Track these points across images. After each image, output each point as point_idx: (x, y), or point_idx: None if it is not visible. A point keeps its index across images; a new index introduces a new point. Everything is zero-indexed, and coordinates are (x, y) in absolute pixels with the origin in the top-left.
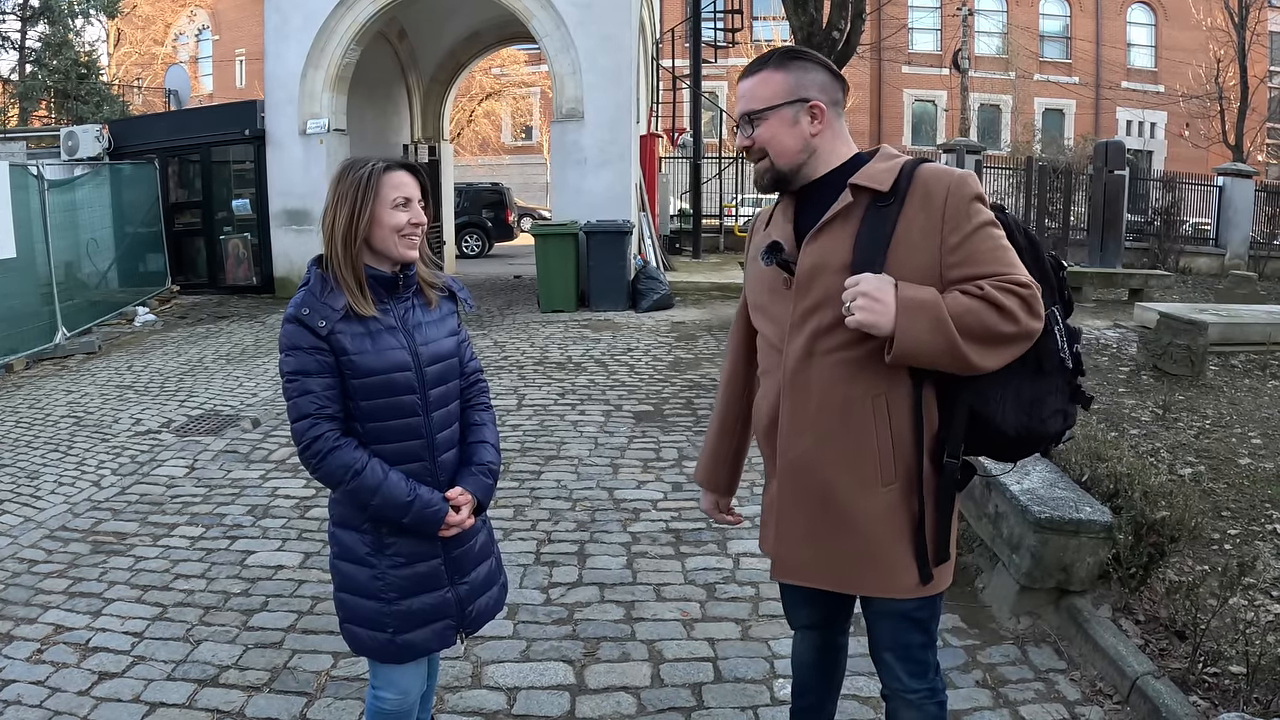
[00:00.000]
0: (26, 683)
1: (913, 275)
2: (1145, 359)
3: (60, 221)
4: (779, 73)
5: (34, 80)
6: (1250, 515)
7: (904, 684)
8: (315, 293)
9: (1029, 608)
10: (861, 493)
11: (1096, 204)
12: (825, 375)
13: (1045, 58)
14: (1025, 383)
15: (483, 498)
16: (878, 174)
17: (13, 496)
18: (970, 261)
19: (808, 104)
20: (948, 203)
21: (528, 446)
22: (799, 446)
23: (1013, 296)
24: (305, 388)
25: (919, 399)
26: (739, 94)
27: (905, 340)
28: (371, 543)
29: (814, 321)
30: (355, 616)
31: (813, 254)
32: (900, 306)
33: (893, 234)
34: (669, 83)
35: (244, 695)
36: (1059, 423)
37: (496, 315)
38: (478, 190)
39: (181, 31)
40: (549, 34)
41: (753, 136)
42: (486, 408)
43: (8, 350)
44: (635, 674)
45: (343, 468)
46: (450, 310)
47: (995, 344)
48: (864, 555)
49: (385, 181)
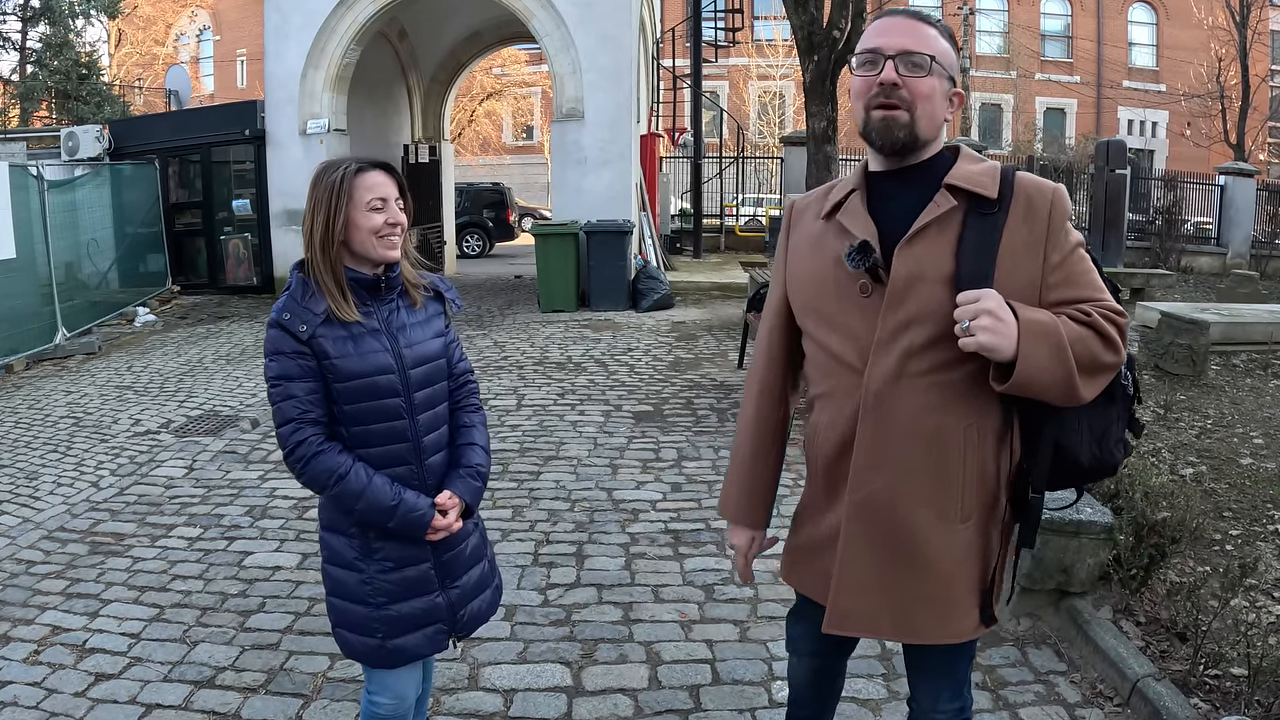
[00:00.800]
0: (23, 684)
1: (1015, 293)
2: (1147, 358)
3: (60, 222)
4: (946, 42)
5: (34, 81)
6: (1252, 516)
7: (939, 706)
8: (297, 297)
9: (1029, 609)
10: (939, 530)
11: (1098, 203)
12: (916, 401)
13: (1046, 57)
14: (1097, 413)
15: (471, 501)
16: (977, 177)
17: (11, 497)
18: (1070, 283)
19: (954, 87)
20: (1052, 216)
21: (527, 447)
22: (877, 481)
23: (1114, 326)
24: (288, 392)
25: (1008, 430)
26: (898, 29)
27: (1027, 366)
28: (359, 547)
29: (906, 339)
30: (346, 621)
31: (909, 261)
32: (1024, 330)
33: (999, 246)
34: (670, 82)
35: (240, 697)
36: (1121, 452)
37: (497, 315)
38: (478, 190)
39: (182, 32)
40: (549, 33)
41: (908, 81)
42: (476, 409)
43: (8, 351)
44: (633, 676)
45: (326, 472)
46: (437, 311)
47: (1098, 374)
48: (933, 598)
49: (359, 184)
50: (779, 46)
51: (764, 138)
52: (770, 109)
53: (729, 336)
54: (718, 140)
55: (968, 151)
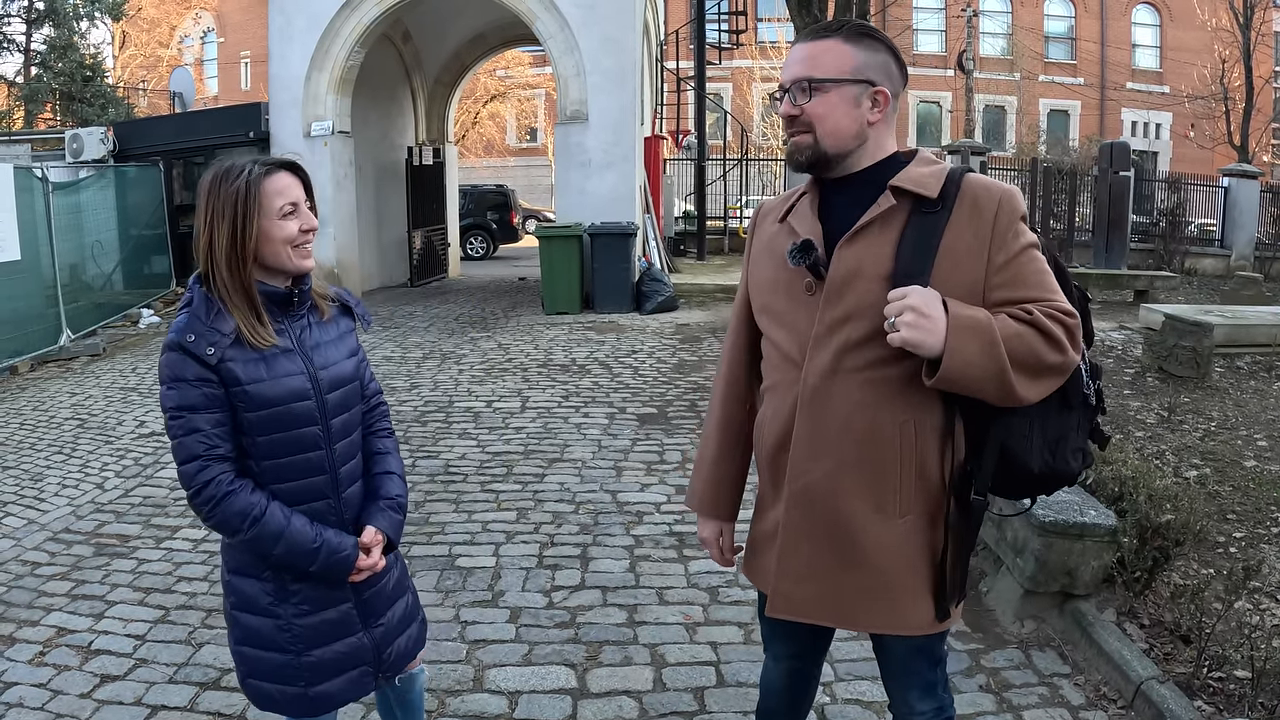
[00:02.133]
0: (29, 685)
1: (956, 292)
2: (1150, 361)
3: (65, 224)
4: (850, 46)
5: (39, 83)
6: (1256, 518)
7: (912, 707)
8: (200, 315)
9: (1033, 611)
10: (875, 523)
11: (1101, 205)
12: (851, 396)
13: (1050, 59)
14: (1051, 419)
15: (394, 535)
16: (923, 178)
17: (16, 498)
18: (1016, 284)
19: (873, 88)
20: (998, 218)
21: (531, 449)
22: (814, 472)
23: (1060, 325)
24: (192, 425)
25: (949, 429)
26: (794, 58)
27: (954, 362)
28: (274, 591)
29: (843, 335)
30: (260, 671)
31: (848, 259)
32: (952, 325)
33: (939, 245)
34: (673, 84)
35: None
36: (1078, 462)
37: (501, 317)
38: (482, 192)
39: (186, 34)
40: (553, 36)
41: (803, 107)
42: (389, 434)
43: (12, 352)
44: (637, 678)
45: (239, 515)
46: (349, 328)
47: (1040, 374)
48: (873, 590)
49: (266, 189)
50: (782, 48)
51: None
52: (774, 111)
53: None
54: (721, 142)
55: (923, 155)
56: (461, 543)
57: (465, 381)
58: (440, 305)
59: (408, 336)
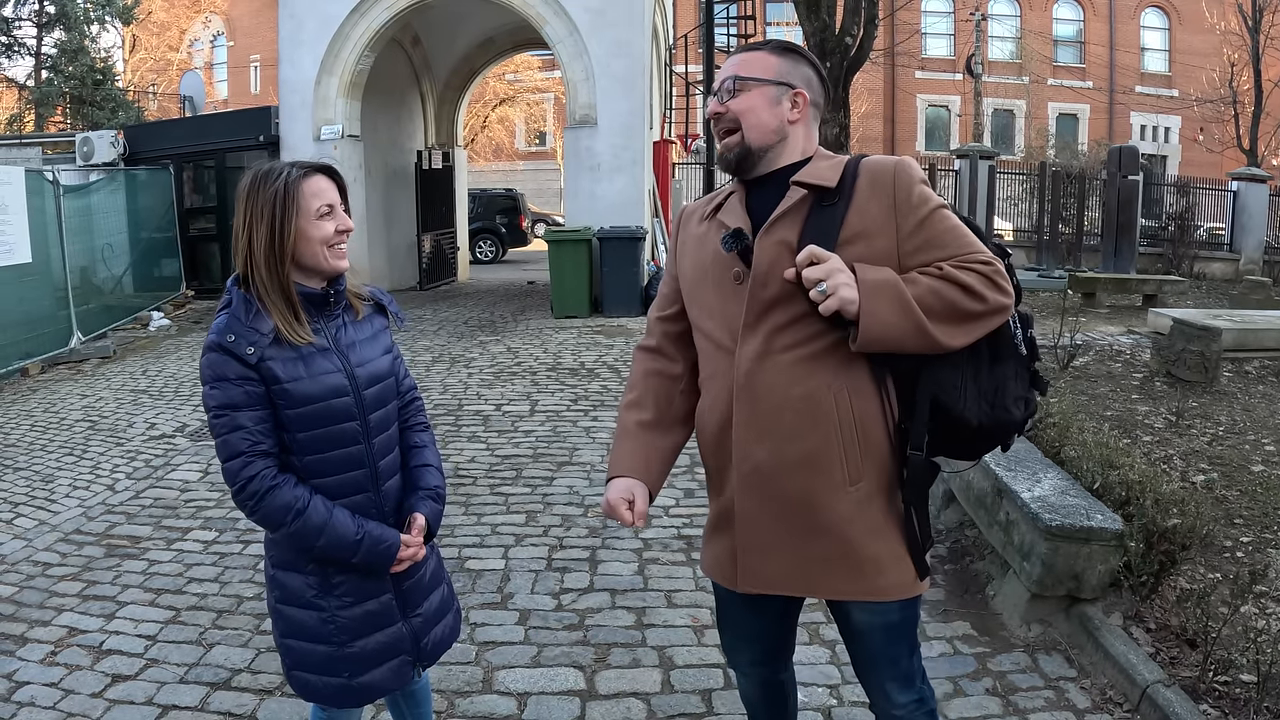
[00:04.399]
0: (40, 685)
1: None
2: (1158, 365)
3: (75, 226)
4: (773, 56)
5: (50, 86)
6: (1263, 523)
7: (892, 700)
8: (240, 316)
9: (1039, 615)
10: (829, 495)
11: (1110, 209)
12: (782, 376)
13: (1059, 62)
14: (983, 370)
15: (434, 523)
16: (821, 171)
17: (27, 500)
18: (930, 246)
19: (792, 89)
20: (896, 188)
21: (540, 452)
22: (758, 455)
23: (975, 274)
24: (235, 423)
25: (883, 392)
26: (725, 67)
27: (870, 322)
28: (318, 584)
29: (771, 320)
30: (306, 663)
31: (768, 249)
32: (862, 289)
33: (841, 228)
34: (682, 88)
35: (256, 699)
36: (1021, 410)
37: (510, 320)
38: (491, 196)
39: (196, 38)
40: (562, 40)
41: (728, 104)
42: (425, 428)
43: (23, 354)
44: (646, 680)
45: (283, 509)
46: (383, 326)
47: (963, 321)
48: (835, 558)
49: (304, 190)
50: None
51: None
52: None
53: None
54: None
55: (822, 153)
56: (471, 545)
57: (474, 385)
58: (449, 309)
59: (417, 340)
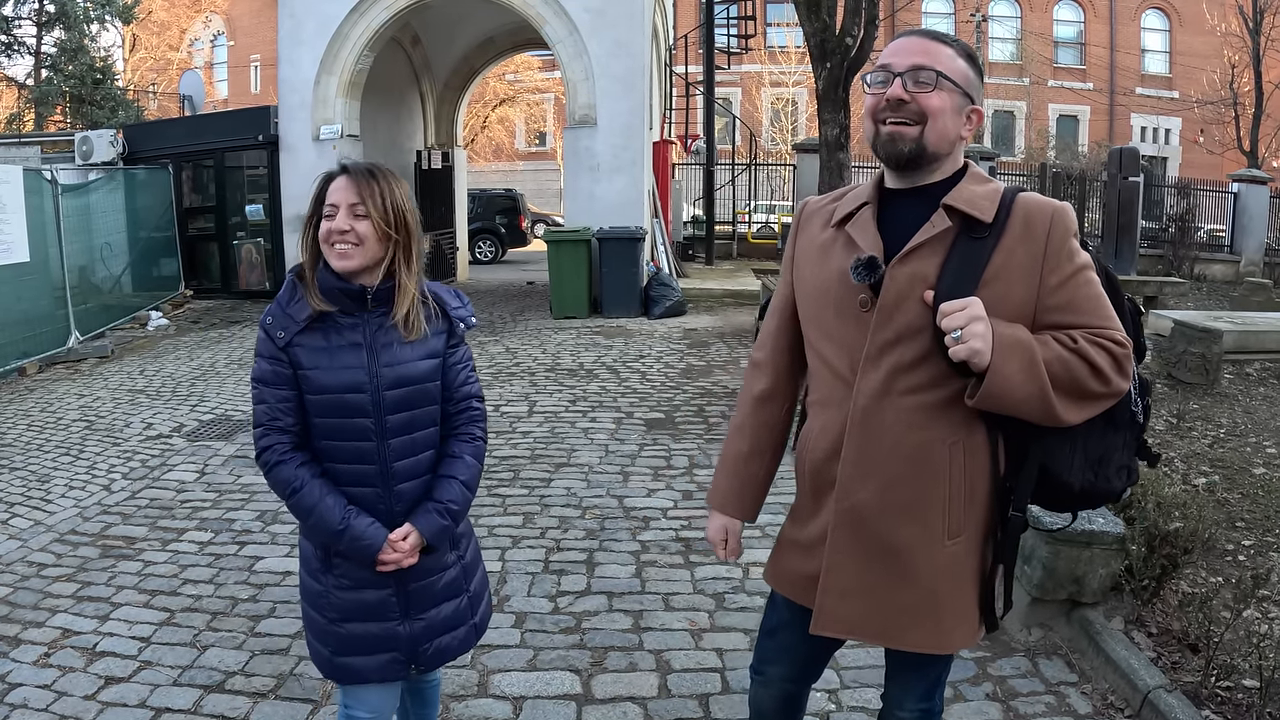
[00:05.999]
0: (33, 686)
1: (1007, 313)
2: (1159, 367)
3: (74, 225)
4: (962, 61)
5: (49, 85)
6: (1265, 526)
7: (905, 704)
8: (283, 301)
9: (1040, 619)
10: (927, 546)
11: (1111, 210)
12: (901, 419)
13: (1059, 64)
14: (1094, 438)
15: (432, 538)
16: (977, 199)
17: (23, 499)
18: (1069, 309)
19: (972, 105)
20: (1050, 237)
21: (538, 453)
22: (862, 492)
23: (1106, 354)
24: (261, 396)
25: (994, 449)
26: (908, 47)
27: (996, 380)
28: (320, 559)
29: (894, 356)
30: (308, 626)
31: (900, 279)
32: (996, 344)
33: (987, 266)
34: (682, 89)
35: (250, 701)
36: (1123, 480)
37: (509, 321)
38: (491, 196)
39: (196, 37)
40: (562, 40)
41: (918, 96)
42: (470, 439)
43: (21, 353)
44: (643, 684)
45: (283, 483)
46: (438, 329)
47: (1082, 399)
48: (920, 609)
49: (330, 188)
50: (791, 53)
51: (776, 145)
52: (783, 116)
53: (741, 344)
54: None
55: (975, 172)
56: None
57: None
58: None
59: None
